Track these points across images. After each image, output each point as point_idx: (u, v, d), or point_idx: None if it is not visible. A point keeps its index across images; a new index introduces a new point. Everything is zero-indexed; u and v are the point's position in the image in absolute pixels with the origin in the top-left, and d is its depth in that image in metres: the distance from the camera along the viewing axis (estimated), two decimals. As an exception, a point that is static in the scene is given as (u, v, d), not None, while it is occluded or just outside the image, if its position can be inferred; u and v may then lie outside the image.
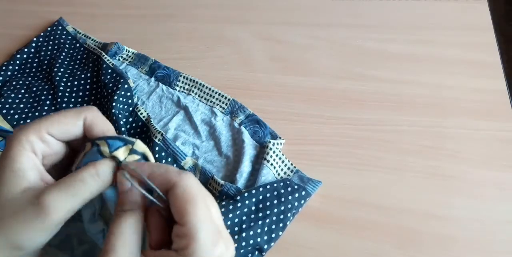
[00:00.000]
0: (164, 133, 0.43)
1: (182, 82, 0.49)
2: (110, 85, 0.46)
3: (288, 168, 0.41)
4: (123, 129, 0.43)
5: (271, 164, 0.41)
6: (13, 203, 0.22)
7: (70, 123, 0.25)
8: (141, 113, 0.46)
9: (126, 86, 0.46)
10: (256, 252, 0.37)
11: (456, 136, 0.43)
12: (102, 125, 0.26)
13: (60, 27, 0.55)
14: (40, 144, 0.24)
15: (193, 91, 0.48)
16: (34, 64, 0.52)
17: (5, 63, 0.52)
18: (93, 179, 0.23)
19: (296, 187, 0.39)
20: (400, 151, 0.43)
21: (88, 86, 0.49)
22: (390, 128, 0.44)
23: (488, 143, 0.42)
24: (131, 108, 0.46)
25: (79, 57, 0.52)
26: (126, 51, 0.52)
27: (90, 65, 0.50)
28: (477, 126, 0.44)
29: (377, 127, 0.44)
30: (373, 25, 0.53)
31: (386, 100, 0.46)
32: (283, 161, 0.42)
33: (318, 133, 0.45)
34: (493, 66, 0.48)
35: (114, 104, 0.44)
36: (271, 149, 0.41)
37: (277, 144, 0.42)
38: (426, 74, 0.48)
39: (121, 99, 0.45)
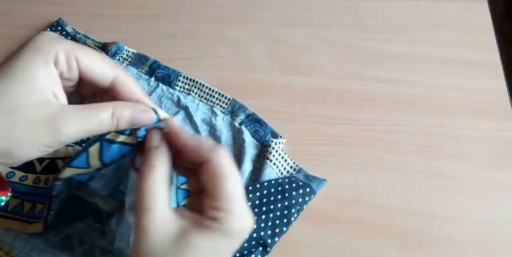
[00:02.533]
0: (164, 133, 0.43)
1: (182, 82, 0.49)
2: (110, 85, 0.46)
3: (291, 167, 0.41)
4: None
5: (274, 164, 0.41)
6: (24, 113, 0.21)
7: (101, 65, 0.24)
8: (141, 113, 0.46)
9: (126, 86, 0.46)
10: (260, 248, 0.37)
11: (456, 136, 0.43)
12: (133, 87, 0.25)
13: (59, 28, 0.55)
14: (63, 64, 0.23)
15: (193, 91, 0.48)
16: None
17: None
18: (110, 123, 0.23)
19: (300, 183, 0.39)
20: (400, 151, 0.43)
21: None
22: (390, 128, 0.44)
23: (488, 143, 0.42)
24: (131, 108, 0.46)
25: (79, 57, 0.52)
26: (126, 51, 0.52)
27: (90, 65, 0.50)
28: (477, 126, 0.44)
29: (377, 127, 0.44)
30: (373, 25, 0.53)
31: (386, 100, 0.46)
32: (285, 160, 0.42)
33: (318, 133, 0.45)
34: (493, 66, 0.48)
35: (114, 104, 0.44)
36: (273, 148, 0.41)
37: (279, 143, 0.42)
38: (426, 74, 0.48)
39: (121, 99, 0.45)
